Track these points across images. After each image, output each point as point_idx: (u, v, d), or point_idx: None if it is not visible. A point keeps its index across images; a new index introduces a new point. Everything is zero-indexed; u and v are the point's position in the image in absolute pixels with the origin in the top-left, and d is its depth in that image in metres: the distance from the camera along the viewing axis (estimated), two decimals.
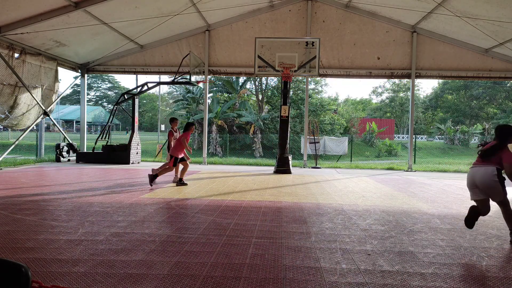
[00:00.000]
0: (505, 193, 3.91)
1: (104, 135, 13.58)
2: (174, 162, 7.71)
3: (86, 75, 14.49)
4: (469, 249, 3.79)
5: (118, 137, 31.74)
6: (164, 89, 76.74)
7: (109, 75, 58.98)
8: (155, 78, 46.69)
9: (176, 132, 8.93)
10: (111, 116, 14.11)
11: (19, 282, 1.29)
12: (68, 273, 2.89)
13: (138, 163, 13.49)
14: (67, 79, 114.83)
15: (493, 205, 6.41)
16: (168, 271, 2.98)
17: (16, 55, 10.72)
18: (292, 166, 12.08)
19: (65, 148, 13.62)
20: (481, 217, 5.38)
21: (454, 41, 12.85)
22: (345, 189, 8.04)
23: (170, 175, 8.66)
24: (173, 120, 8.90)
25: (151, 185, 7.58)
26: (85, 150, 14.56)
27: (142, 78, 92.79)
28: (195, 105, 29.75)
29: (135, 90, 13.45)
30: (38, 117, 12.24)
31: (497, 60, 12.87)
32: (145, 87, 13.13)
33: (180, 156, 7.77)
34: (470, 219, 4.11)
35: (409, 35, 13.09)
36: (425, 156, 29.67)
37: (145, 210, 5.25)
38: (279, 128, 11.32)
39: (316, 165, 14.46)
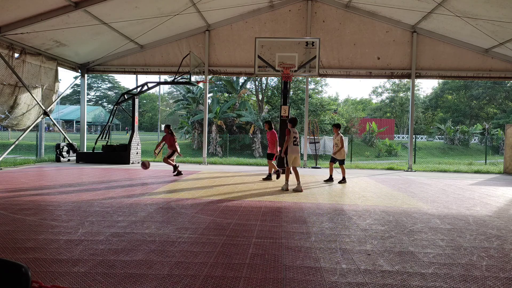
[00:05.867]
0: None
1: (104, 135, 13.58)
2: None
3: (86, 75, 14.49)
4: (469, 249, 3.79)
5: (118, 137, 31.75)
6: (164, 89, 76.93)
7: (109, 75, 59.02)
8: (155, 78, 46.91)
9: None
10: (111, 116, 14.10)
11: (19, 282, 1.29)
12: (68, 273, 2.89)
13: (138, 163, 13.49)
14: (67, 79, 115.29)
15: (494, 205, 6.43)
16: (168, 271, 2.98)
17: (16, 55, 10.72)
18: None
19: (65, 148, 13.62)
20: (481, 217, 5.39)
21: (454, 41, 12.85)
22: (345, 189, 8.04)
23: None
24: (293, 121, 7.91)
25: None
26: (85, 150, 14.56)
27: (142, 78, 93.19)
28: (195, 105, 29.75)
29: (135, 90, 13.45)
30: (38, 117, 12.23)
31: (497, 60, 12.88)
32: (145, 87, 13.13)
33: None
34: None
35: (409, 35, 13.09)
36: (425, 156, 29.69)
37: (145, 210, 5.25)
38: (279, 128, 11.30)
39: (316, 165, 14.47)
